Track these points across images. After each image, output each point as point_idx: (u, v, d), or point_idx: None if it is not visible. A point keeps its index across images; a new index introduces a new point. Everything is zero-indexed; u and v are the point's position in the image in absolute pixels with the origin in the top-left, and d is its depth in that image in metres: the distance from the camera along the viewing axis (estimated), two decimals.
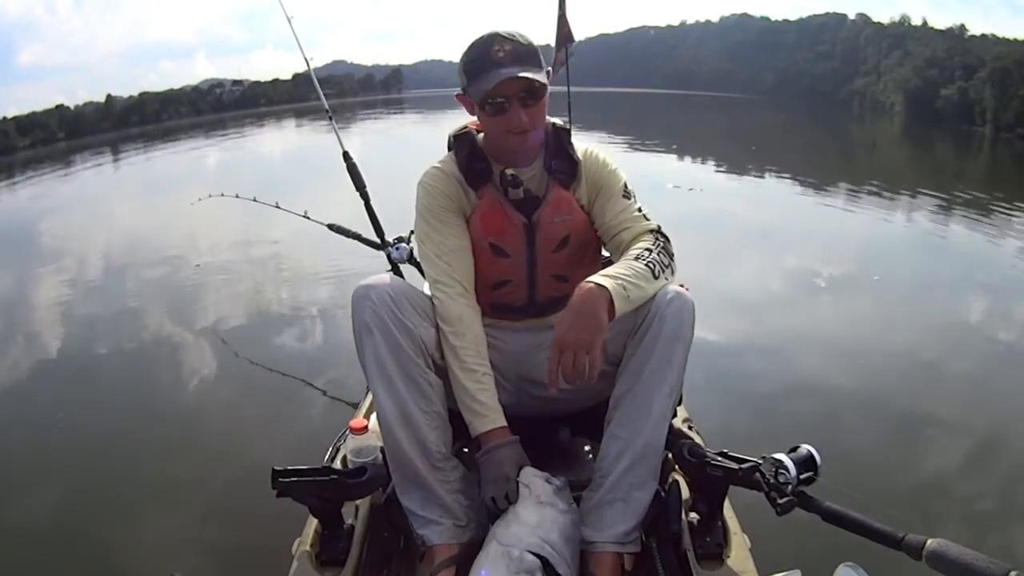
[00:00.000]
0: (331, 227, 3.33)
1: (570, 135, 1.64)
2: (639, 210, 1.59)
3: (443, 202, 1.60)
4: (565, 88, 3.07)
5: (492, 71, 1.42)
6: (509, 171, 1.57)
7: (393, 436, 1.48)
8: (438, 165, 1.64)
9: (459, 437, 1.61)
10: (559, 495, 1.46)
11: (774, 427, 3.13)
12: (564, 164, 1.61)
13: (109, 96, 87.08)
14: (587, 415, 1.60)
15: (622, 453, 1.47)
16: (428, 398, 1.49)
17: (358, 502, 1.63)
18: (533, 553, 1.33)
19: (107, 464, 3.01)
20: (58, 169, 22.05)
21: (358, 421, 1.69)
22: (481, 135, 1.63)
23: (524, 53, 1.45)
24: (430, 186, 1.62)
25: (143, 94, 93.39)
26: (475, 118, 1.63)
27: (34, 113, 72.55)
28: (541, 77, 1.46)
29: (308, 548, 1.51)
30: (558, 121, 1.66)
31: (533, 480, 1.46)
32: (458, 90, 1.55)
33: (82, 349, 4.57)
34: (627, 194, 1.61)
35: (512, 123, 1.48)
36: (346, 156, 3.11)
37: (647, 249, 1.48)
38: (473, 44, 1.47)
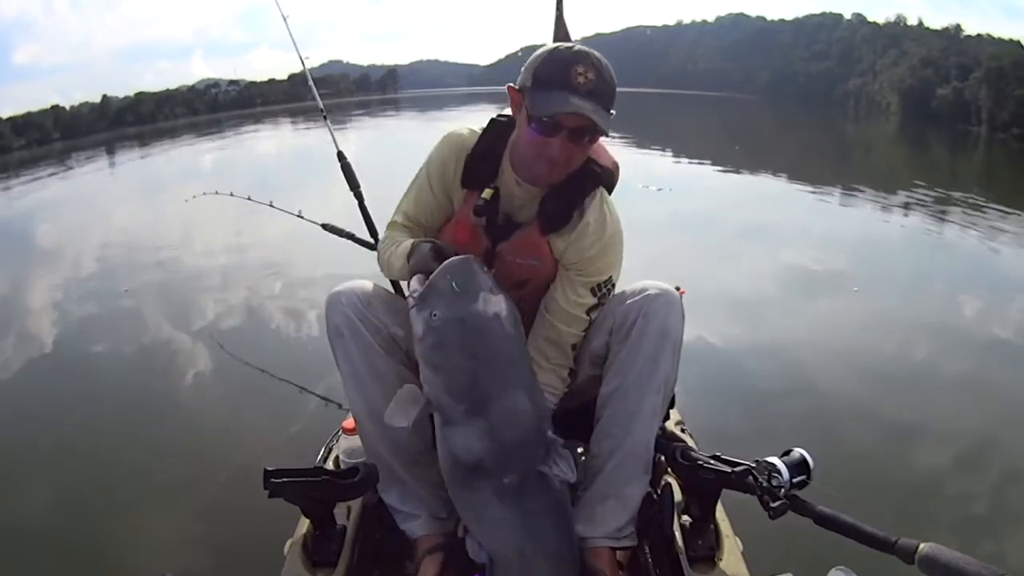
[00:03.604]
0: (325, 227, 3.31)
1: (595, 181, 1.50)
2: (588, 312, 1.53)
3: (452, 165, 1.55)
4: None
5: (563, 93, 1.28)
6: (484, 195, 1.49)
7: (367, 435, 1.52)
8: (469, 135, 1.55)
9: None
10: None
11: (767, 430, 3.13)
12: (561, 210, 1.48)
13: (105, 96, 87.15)
14: (575, 415, 1.60)
15: (613, 450, 1.47)
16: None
17: (350, 503, 1.63)
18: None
19: (100, 464, 2.99)
20: (54, 169, 21.89)
21: (350, 422, 1.70)
22: (515, 134, 1.50)
23: (604, 91, 1.31)
24: (453, 147, 1.55)
25: (139, 94, 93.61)
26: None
27: (30, 113, 72.62)
28: (606, 124, 1.30)
29: (300, 548, 1.51)
30: (604, 161, 1.53)
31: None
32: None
33: (75, 350, 4.54)
34: (598, 290, 1.52)
35: (550, 151, 1.35)
36: (340, 156, 3.09)
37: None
38: (557, 50, 1.34)
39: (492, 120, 1.54)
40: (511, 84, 1.42)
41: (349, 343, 1.47)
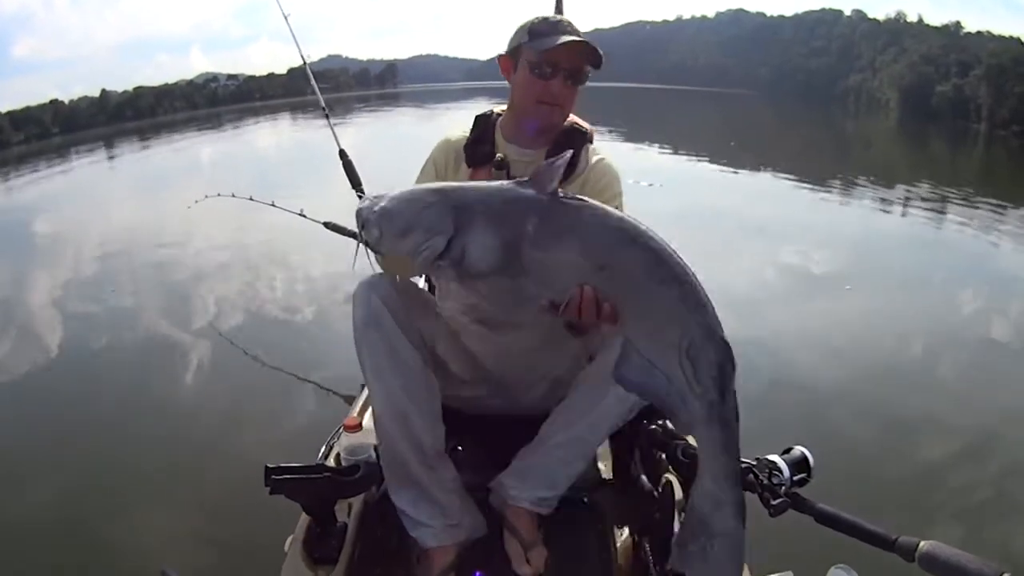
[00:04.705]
0: (327, 225, 3.32)
1: (584, 138, 1.65)
2: None
3: (443, 161, 1.68)
4: None
5: (559, 35, 1.48)
6: (499, 155, 1.60)
7: (387, 433, 1.49)
8: (459, 134, 1.69)
9: (452, 436, 1.61)
10: None
11: (767, 428, 3.12)
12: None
13: (104, 90, 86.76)
14: None
15: (563, 427, 1.51)
16: (423, 396, 1.48)
17: (351, 500, 1.63)
18: None
19: (100, 461, 3.00)
20: (54, 165, 21.84)
21: (352, 419, 1.70)
22: (501, 117, 1.67)
23: (587, 38, 1.51)
24: (443, 147, 1.69)
25: (138, 88, 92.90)
26: (498, 105, 1.70)
27: (28, 107, 72.15)
28: (594, 61, 1.52)
29: (301, 545, 1.52)
30: (585, 124, 1.68)
31: None
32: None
33: (77, 347, 4.55)
34: None
35: (549, 92, 1.52)
36: (342, 154, 3.10)
37: None
38: (540, 17, 1.55)
39: (477, 116, 1.70)
40: (502, 54, 1.59)
41: (376, 339, 1.44)
